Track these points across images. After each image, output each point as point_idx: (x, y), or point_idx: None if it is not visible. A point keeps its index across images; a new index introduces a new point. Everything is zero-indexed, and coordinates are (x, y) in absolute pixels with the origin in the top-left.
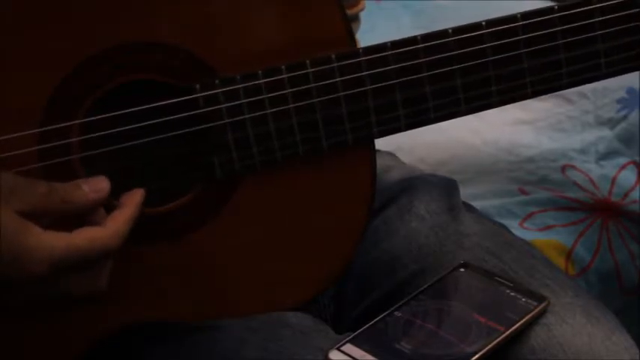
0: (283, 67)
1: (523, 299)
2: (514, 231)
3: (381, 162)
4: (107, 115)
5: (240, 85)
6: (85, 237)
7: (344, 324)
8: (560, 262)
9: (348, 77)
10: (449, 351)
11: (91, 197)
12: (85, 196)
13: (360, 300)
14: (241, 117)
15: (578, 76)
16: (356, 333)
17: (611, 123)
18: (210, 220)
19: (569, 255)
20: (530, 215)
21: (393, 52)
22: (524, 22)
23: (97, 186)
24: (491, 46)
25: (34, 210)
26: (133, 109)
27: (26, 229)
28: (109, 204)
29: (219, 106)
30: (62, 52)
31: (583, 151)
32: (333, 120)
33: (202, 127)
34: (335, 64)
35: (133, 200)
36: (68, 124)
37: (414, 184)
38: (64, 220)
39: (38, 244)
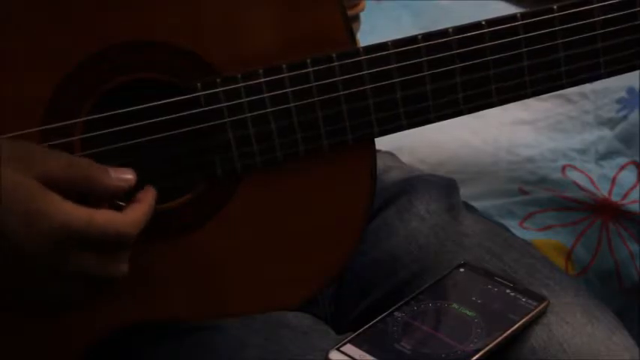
0: (284, 66)
1: (523, 299)
2: (514, 231)
3: (380, 162)
4: (108, 113)
5: (241, 84)
6: (105, 217)
7: (344, 324)
8: (560, 262)
9: (349, 76)
10: (449, 351)
11: (115, 184)
12: (110, 180)
13: (360, 300)
14: (242, 116)
15: (577, 76)
16: (356, 333)
17: (611, 123)
18: (210, 220)
19: (569, 255)
20: (530, 215)
21: (394, 51)
22: (525, 22)
23: (124, 175)
24: (491, 45)
25: (56, 179)
26: (134, 108)
27: (45, 194)
28: (114, 204)
29: (220, 105)
30: (63, 51)
31: (583, 151)
32: (334, 119)
33: (203, 125)
34: (336, 63)
35: (148, 197)
36: (70, 122)
37: (414, 184)
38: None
39: (58, 208)
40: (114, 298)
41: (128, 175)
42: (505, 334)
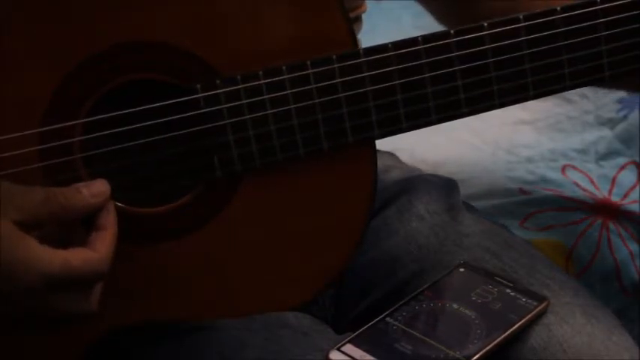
0: (284, 67)
1: (523, 299)
2: (514, 231)
3: (380, 162)
4: (108, 115)
5: (241, 86)
6: (80, 259)
7: (344, 324)
8: (560, 262)
9: (349, 78)
10: (449, 351)
11: (91, 202)
12: (85, 200)
13: (360, 300)
14: (242, 117)
15: (580, 79)
16: (356, 333)
17: (611, 123)
18: (210, 221)
19: (569, 255)
20: (530, 215)
21: (394, 53)
22: (527, 24)
23: (97, 190)
24: (492, 47)
25: (34, 218)
26: (134, 109)
27: (24, 241)
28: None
29: (220, 107)
30: (63, 51)
31: (583, 151)
32: (334, 121)
33: (203, 127)
34: (336, 65)
35: (111, 220)
36: (70, 123)
37: (414, 184)
38: (50, 236)
39: (35, 257)
40: (114, 299)
41: (101, 188)
42: (505, 334)
